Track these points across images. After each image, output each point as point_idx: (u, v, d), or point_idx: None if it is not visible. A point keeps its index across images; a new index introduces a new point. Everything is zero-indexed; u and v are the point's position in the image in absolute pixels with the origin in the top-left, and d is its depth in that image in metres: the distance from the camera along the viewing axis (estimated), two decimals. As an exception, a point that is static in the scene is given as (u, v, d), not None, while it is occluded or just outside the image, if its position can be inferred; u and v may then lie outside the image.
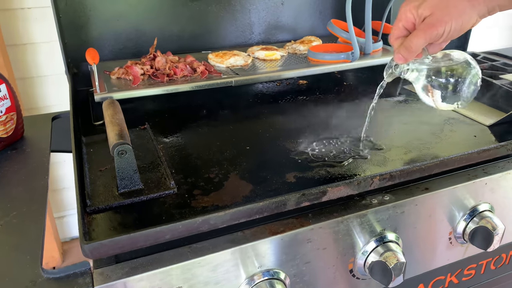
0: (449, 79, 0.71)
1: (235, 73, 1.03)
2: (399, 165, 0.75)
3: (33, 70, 1.65)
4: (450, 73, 0.71)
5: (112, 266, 0.58)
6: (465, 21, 0.64)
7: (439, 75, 0.71)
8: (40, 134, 0.96)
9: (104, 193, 0.66)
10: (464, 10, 0.64)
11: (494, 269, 0.91)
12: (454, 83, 0.71)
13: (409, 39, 0.66)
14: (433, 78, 0.72)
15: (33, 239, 0.63)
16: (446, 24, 0.64)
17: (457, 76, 0.71)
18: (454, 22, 0.64)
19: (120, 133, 0.66)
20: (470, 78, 0.72)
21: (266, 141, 0.86)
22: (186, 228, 0.57)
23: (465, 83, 0.72)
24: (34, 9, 1.56)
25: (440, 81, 0.71)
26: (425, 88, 0.73)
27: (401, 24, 0.68)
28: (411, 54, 0.67)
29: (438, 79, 0.71)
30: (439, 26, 0.64)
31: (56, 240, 1.88)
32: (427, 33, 0.65)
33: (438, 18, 0.64)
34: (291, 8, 1.33)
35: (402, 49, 0.67)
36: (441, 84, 0.72)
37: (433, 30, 0.64)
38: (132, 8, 1.16)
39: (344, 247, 0.69)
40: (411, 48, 0.66)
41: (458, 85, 0.71)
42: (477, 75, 0.73)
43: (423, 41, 0.66)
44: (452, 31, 0.65)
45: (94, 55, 0.93)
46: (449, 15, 0.63)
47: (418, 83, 0.74)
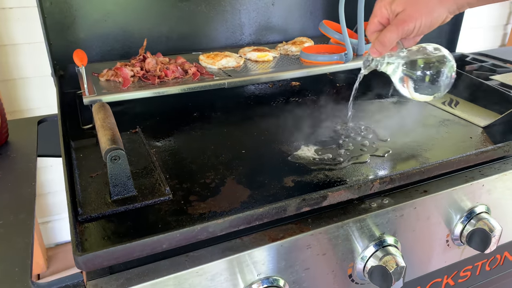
0: (425, 71, 0.73)
1: (228, 75, 1.01)
2: (398, 168, 0.74)
3: (15, 71, 1.60)
4: (425, 65, 0.73)
5: (106, 278, 0.56)
6: (435, 18, 0.67)
7: (415, 68, 0.74)
8: (26, 138, 0.93)
9: (96, 200, 0.64)
10: (434, 7, 0.66)
11: (489, 270, 0.91)
12: (430, 75, 0.74)
13: (383, 34, 0.69)
14: (409, 70, 0.74)
15: (21, 250, 0.60)
16: (417, 20, 0.67)
17: (432, 68, 0.73)
18: (424, 18, 0.67)
19: (112, 138, 0.63)
20: (445, 70, 0.74)
21: (261, 144, 0.84)
22: (184, 237, 0.55)
23: (440, 75, 0.74)
24: (16, 9, 1.51)
25: (416, 73, 0.74)
26: (402, 80, 0.75)
27: (376, 20, 0.71)
28: (385, 48, 0.71)
29: (413, 71, 0.74)
30: (410, 22, 0.67)
31: (41, 246, 1.82)
32: (399, 28, 0.68)
33: (410, 14, 0.67)
34: (282, 8, 1.31)
35: (377, 43, 0.71)
36: (417, 76, 0.74)
37: (404, 25, 0.67)
38: (120, 8, 1.13)
39: (344, 252, 0.68)
40: (385, 42, 0.70)
41: (433, 77, 0.74)
42: (452, 67, 0.75)
43: (395, 35, 0.69)
44: (422, 27, 0.68)
45: (82, 57, 0.89)
46: (420, 11, 0.66)
47: (395, 76, 0.76)
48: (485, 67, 1.32)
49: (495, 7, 2.41)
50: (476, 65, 1.34)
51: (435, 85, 0.74)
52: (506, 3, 2.43)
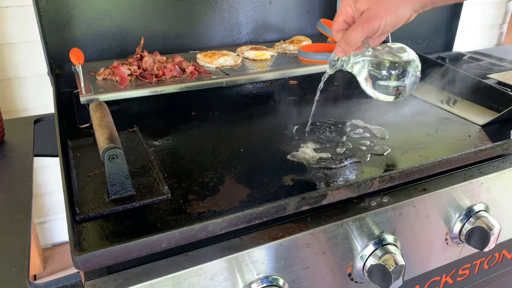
0: (390, 71, 0.73)
1: (225, 74, 1.00)
2: (397, 166, 0.74)
3: (11, 71, 1.59)
4: (390, 65, 0.73)
5: (105, 278, 0.55)
6: (400, 16, 0.66)
7: (380, 67, 0.73)
8: (22, 138, 0.92)
9: (94, 200, 0.63)
10: (398, 5, 0.66)
11: (487, 268, 0.91)
12: (395, 75, 0.73)
13: (348, 33, 0.68)
14: (374, 70, 0.73)
15: (18, 250, 0.59)
16: (382, 18, 0.66)
17: (397, 68, 0.73)
18: (389, 16, 0.66)
19: (110, 137, 0.62)
20: (410, 70, 0.73)
21: (260, 143, 0.83)
22: (183, 236, 0.55)
23: (405, 75, 0.73)
24: (12, 8, 1.50)
25: (381, 72, 0.73)
26: (367, 80, 0.75)
27: (341, 18, 0.70)
28: (350, 47, 0.69)
29: (379, 71, 0.73)
30: (375, 21, 0.66)
31: (37, 247, 1.81)
32: (364, 27, 0.67)
33: (375, 13, 0.66)
34: (279, 7, 1.31)
35: (342, 42, 0.69)
36: (382, 75, 0.73)
37: (369, 24, 0.66)
38: (117, 6, 1.12)
39: (343, 251, 0.68)
40: (350, 41, 0.68)
41: (398, 77, 0.73)
42: (417, 67, 0.74)
43: (360, 34, 0.68)
44: (387, 25, 0.67)
45: (78, 55, 0.89)
46: (385, 9, 0.66)
47: (361, 75, 0.75)
48: (482, 65, 1.33)
49: (491, 6, 2.42)
50: (473, 64, 1.34)
51: (400, 85, 0.74)
52: (503, 2, 2.44)
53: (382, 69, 0.73)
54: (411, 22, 0.72)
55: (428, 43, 1.47)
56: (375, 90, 0.76)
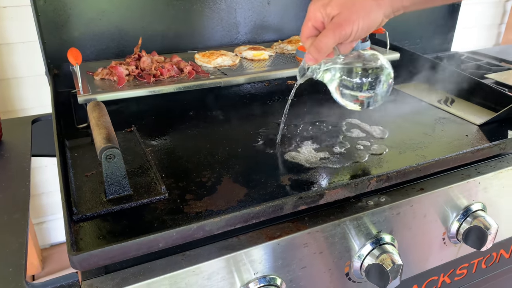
0: (362, 79, 0.70)
1: (223, 74, 1.00)
2: (394, 166, 0.74)
3: (9, 71, 1.59)
4: (362, 73, 0.69)
5: (102, 277, 0.55)
6: (372, 21, 0.64)
7: (351, 76, 0.70)
8: (20, 138, 0.92)
9: (91, 199, 0.63)
10: (370, 10, 0.63)
11: (485, 268, 0.91)
12: (366, 83, 0.70)
13: (319, 39, 0.65)
14: (345, 78, 0.70)
15: (15, 250, 0.59)
16: (354, 23, 0.63)
17: (369, 76, 0.69)
18: (361, 21, 0.63)
19: (107, 137, 0.62)
20: (381, 78, 0.70)
21: (257, 142, 0.83)
22: (181, 236, 0.55)
23: (377, 84, 0.70)
24: (10, 8, 1.50)
25: (352, 81, 0.70)
26: (338, 89, 0.72)
27: (311, 24, 0.66)
28: (321, 55, 0.65)
29: (350, 79, 0.70)
30: (347, 26, 0.63)
31: (35, 247, 1.81)
32: (336, 32, 0.63)
33: (346, 18, 0.63)
34: (278, 7, 1.31)
35: (312, 49, 0.65)
36: (353, 84, 0.70)
37: (341, 29, 0.63)
38: (115, 6, 1.12)
39: (341, 250, 0.68)
40: (321, 48, 0.65)
41: (370, 85, 0.70)
42: (389, 74, 0.71)
43: (332, 41, 0.64)
44: (360, 30, 0.64)
45: (76, 55, 0.89)
46: (357, 14, 0.63)
47: (332, 84, 0.72)
48: (480, 65, 1.33)
49: (490, 7, 2.42)
50: (471, 64, 1.34)
51: (373, 94, 0.71)
52: (501, 2, 2.44)
53: (353, 77, 0.69)
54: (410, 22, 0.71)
55: (426, 43, 1.47)
56: (345, 99, 0.72)
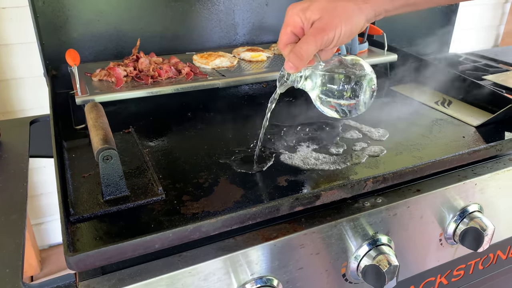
0: (344, 86, 0.67)
1: (221, 75, 1.01)
2: (391, 167, 0.74)
3: (8, 72, 1.59)
4: (344, 81, 0.67)
5: (98, 278, 0.56)
6: (354, 25, 0.61)
7: (333, 83, 0.67)
8: (18, 139, 0.92)
9: (88, 200, 0.63)
10: (352, 14, 0.61)
11: (482, 269, 0.91)
12: (349, 91, 0.67)
13: (299, 46, 0.61)
14: (327, 86, 0.67)
15: (12, 251, 0.59)
16: (336, 28, 0.60)
17: (350, 82, 0.67)
18: (343, 25, 0.60)
19: (104, 138, 0.63)
20: (364, 84, 0.68)
21: (255, 144, 0.84)
22: (177, 237, 0.55)
23: (360, 90, 0.67)
24: (9, 9, 1.51)
25: (334, 88, 0.67)
26: (320, 97, 0.69)
27: (289, 29, 0.63)
28: (302, 62, 0.62)
29: (332, 86, 0.67)
30: (330, 31, 0.60)
31: (34, 248, 1.81)
32: (317, 38, 0.60)
33: (328, 22, 0.60)
34: (276, 9, 1.31)
35: (293, 56, 0.61)
36: (335, 92, 0.67)
37: (323, 35, 0.60)
38: (113, 7, 1.13)
39: (337, 251, 0.68)
40: (302, 55, 0.61)
41: (352, 93, 0.67)
42: (372, 80, 0.68)
43: (313, 47, 0.61)
44: (342, 36, 0.61)
45: (74, 56, 0.89)
46: (339, 18, 0.60)
47: (313, 92, 0.69)
48: (478, 67, 1.33)
49: (488, 8, 2.43)
50: (469, 65, 1.35)
51: (355, 101, 0.68)
52: (500, 4, 2.45)
53: (335, 84, 0.67)
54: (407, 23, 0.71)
55: (424, 44, 1.48)
56: (326, 107, 0.70)
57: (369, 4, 0.62)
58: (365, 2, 0.62)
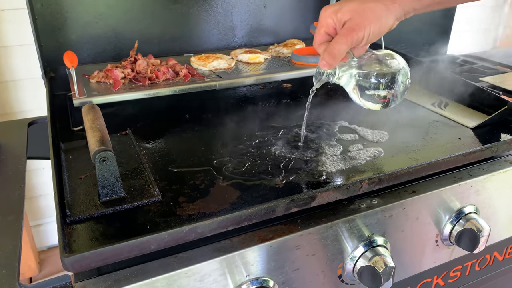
0: (378, 80, 0.71)
1: (219, 77, 1.01)
2: (387, 168, 0.75)
3: (7, 74, 1.60)
4: (378, 74, 0.71)
5: (94, 279, 0.56)
6: (383, 24, 0.66)
7: (368, 77, 0.71)
8: (16, 140, 0.92)
9: (85, 202, 0.64)
10: (381, 14, 0.65)
11: (479, 270, 0.92)
12: (383, 83, 0.71)
13: (332, 45, 0.66)
14: (362, 80, 0.71)
15: (9, 252, 0.59)
16: (365, 28, 0.65)
17: (385, 76, 0.70)
18: (372, 26, 0.65)
19: (101, 139, 0.63)
20: (398, 78, 0.71)
21: (252, 145, 0.84)
22: (172, 238, 0.55)
23: (394, 83, 0.71)
24: (8, 11, 1.51)
25: (369, 82, 0.71)
26: (356, 90, 0.73)
27: (323, 30, 0.68)
28: (335, 60, 0.67)
29: (367, 80, 0.71)
30: (359, 31, 0.65)
31: (33, 249, 1.81)
32: (348, 38, 0.65)
33: (357, 23, 0.65)
34: (274, 11, 1.32)
35: (326, 55, 0.67)
36: (370, 85, 0.71)
37: (353, 34, 0.65)
38: (112, 10, 1.13)
39: (333, 252, 0.68)
40: (334, 54, 0.66)
41: (387, 85, 0.71)
42: (406, 74, 0.72)
43: (345, 46, 0.66)
44: (371, 35, 0.66)
45: (72, 58, 0.89)
46: (368, 19, 0.65)
47: (349, 86, 0.73)
48: (475, 69, 1.34)
49: (487, 10, 2.43)
50: (466, 67, 1.35)
51: (389, 94, 0.72)
52: (498, 5, 2.45)
53: (370, 78, 0.71)
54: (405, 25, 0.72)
55: (422, 46, 1.48)
56: (364, 100, 0.74)
57: (397, 4, 0.66)
58: (393, 2, 0.66)
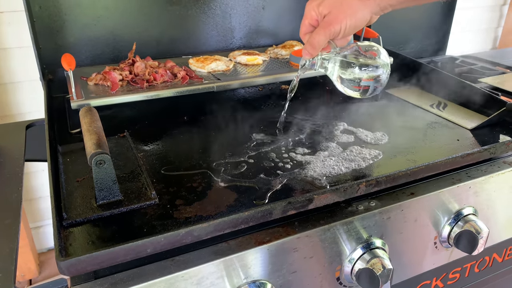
0: (359, 69, 0.74)
1: (217, 78, 1.01)
2: (385, 170, 0.74)
3: (6, 76, 1.60)
4: (358, 63, 0.74)
5: (91, 283, 0.56)
6: (359, 19, 0.70)
7: (349, 66, 0.75)
8: (14, 143, 0.92)
9: (82, 205, 0.63)
10: (357, 9, 0.69)
11: (478, 272, 0.91)
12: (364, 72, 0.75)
13: (312, 37, 0.72)
14: (343, 68, 0.75)
15: (5, 255, 0.59)
16: (342, 21, 0.69)
17: (365, 65, 0.74)
18: (348, 20, 0.69)
19: (98, 142, 0.63)
20: (378, 67, 0.75)
21: (250, 147, 0.84)
22: (169, 241, 0.55)
23: (374, 72, 0.75)
24: (7, 13, 1.51)
25: (350, 71, 0.75)
26: (338, 79, 0.77)
27: (307, 22, 0.74)
28: (315, 50, 0.73)
29: (348, 69, 0.75)
30: (336, 24, 0.70)
31: (33, 251, 1.81)
32: (326, 30, 0.70)
33: (335, 17, 0.70)
34: (272, 12, 1.32)
35: (307, 45, 0.73)
36: (351, 74, 0.75)
37: (331, 27, 0.70)
38: (110, 12, 1.13)
39: (331, 255, 0.68)
40: (314, 44, 0.72)
41: (368, 73, 0.75)
42: (386, 65, 0.76)
43: (323, 37, 0.71)
44: (348, 28, 0.70)
45: (70, 61, 0.89)
46: (344, 13, 0.69)
47: (333, 75, 0.78)
48: (474, 69, 1.33)
49: (486, 10, 2.43)
50: (465, 68, 1.35)
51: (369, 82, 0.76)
52: (497, 6, 2.45)
53: (351, 67, 0.75)
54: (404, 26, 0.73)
55: (421, 47, 1.48)
56: (345, 87, 0.78)
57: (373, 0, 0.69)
58: None
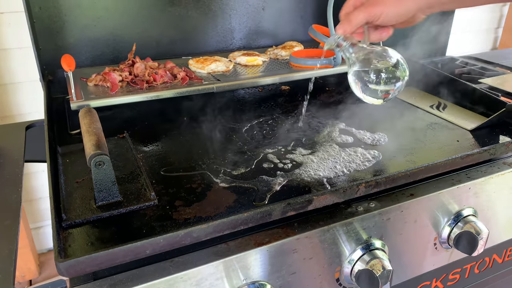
0: (378, 73, 0.74)
1: (217, 79, 1.01)
2: (385, 171, 0.74)
3: (6, 76, 1.60)
4: (379, 69, 0.74)
5: (90, 284, 0.56)
6: (403, 10, 0.70)
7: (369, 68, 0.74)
8: (13, 144, 0.92)
9: (81, 206, 0.63)
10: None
11: (478, 272, 0.91)
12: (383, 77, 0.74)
13: (352, 13, 0.73)
14: (363, 70, 0.75)
15: (5, 256, 0.59)
16: (385, 6, 0.70)
17: (385, 70, 0.74)
18: (392, 7, 0.69)
19: (97, 143, 0.63)
20: (397, 73, 0.74)
21: (249, 148, 0.84)
22: (168, 242, 0.55)
23: (393, 78, 0.74)
24: (7, 14, 1.51)
25: (369, 73, 0.74)
26: (355, 80, 0.76)
27: (351, 2, 0.74)
28: (351, 26, 0.73)
29: (368, 71, 0.74)
30: (378, 6, 0.70)
31: (33, 252, 1.81)
32: (366, 10, 0.71)
33: (379, 1, 0.70)
34: (272, 13, 1.32)
35: (344, 21, 0.73)
36: (369, 77, 0.74)
37: (372, 8, 0.70)
38: (110, 13, 1.13)
39: (331, 256, 0.68)
40: (351, 20, 0.72)
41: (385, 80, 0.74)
42: (405, 71, 0.75)
43: (362, 16, 0.71)
44: (389, 15, 0.70)
45: (69, 62, 0.89)
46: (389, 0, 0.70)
47: (350, 73, 0.77)
48: (474, 70, 1.33)
49: (487, 11, 2.43)
50: (465, 69, 1.35)
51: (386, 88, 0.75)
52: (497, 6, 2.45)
53: (370, 69, 0.74)
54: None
55: (421, 48, 1.47)
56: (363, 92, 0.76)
57: None
58: None
